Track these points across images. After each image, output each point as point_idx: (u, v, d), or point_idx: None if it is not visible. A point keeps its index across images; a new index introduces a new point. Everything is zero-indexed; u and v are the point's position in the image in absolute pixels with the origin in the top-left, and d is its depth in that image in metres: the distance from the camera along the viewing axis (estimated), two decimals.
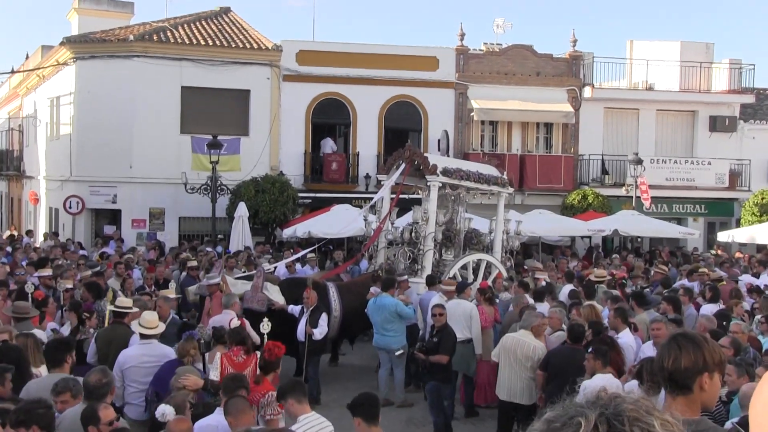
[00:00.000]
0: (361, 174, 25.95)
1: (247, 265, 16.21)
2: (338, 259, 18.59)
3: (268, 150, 25.27)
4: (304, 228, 20.68)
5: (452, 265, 14.36)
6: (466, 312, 11.40)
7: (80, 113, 24.44)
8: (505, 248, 16.14)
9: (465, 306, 11.53)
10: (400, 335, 11.73)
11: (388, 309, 11.62)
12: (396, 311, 11.62)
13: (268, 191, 22.74)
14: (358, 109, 26.09)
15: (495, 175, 15.88)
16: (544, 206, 24.24)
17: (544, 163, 26.97)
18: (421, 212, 14.65)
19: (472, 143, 27.12)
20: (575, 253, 23.13)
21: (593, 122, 27.68)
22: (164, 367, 7.53)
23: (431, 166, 14.47)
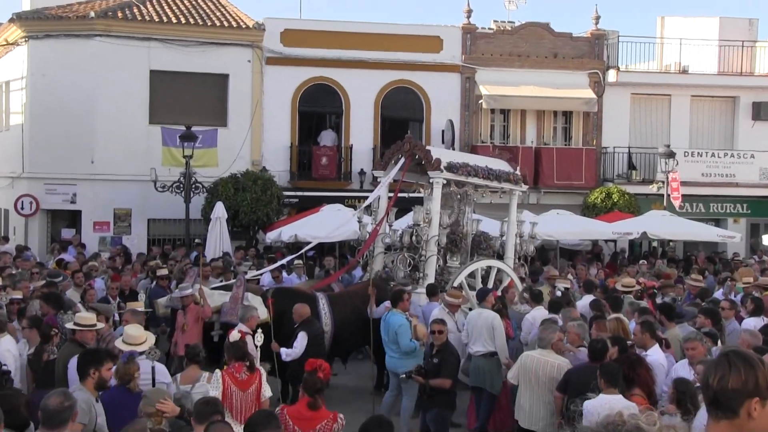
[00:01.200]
0: (354, 170, 26.01)
1: (224, 274, 16.25)
2: (329, 267, 18.65)
3: (249, 143, 25.34)
4: (290, 231, 20.73)
5: (458, 272, 14.41)
6: (488, 322, 11.52)
7: (33, 101, 24.48)
8: (519, 254, 16.20)
9: (487, 315, 11.64)
10: (410, 358, 11.47)
11: (392, 329, 11.60)
12: (395, 333, 11.50)
13: (249, 189, 22.81)
14: (352, 97, 26.16)
15: (507, 170, 15.94)
16: (563, 206, 24.34)
17: (562, 157, 27.06)
18: (422, 213, 14.72)
19: (480, 135, 27.19)
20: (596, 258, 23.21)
21: (618, 110, 27.80)
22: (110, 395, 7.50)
23: (434, 160, 14.52)
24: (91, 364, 7.24)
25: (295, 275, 17.88)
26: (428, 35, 26.60)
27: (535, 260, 20.70)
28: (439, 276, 14.79)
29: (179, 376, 8.66)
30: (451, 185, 15.20)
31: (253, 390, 8.18)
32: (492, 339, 11.49)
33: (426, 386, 10.13)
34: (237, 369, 8.22)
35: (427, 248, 14.45)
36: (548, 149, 27.16)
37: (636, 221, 22.97)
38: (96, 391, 7.21)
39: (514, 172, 16.08)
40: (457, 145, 26.23)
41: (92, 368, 7.19)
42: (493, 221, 18.30)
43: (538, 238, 18.69)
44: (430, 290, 13.23)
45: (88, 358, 7.39)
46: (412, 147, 15.19)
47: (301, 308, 11.69)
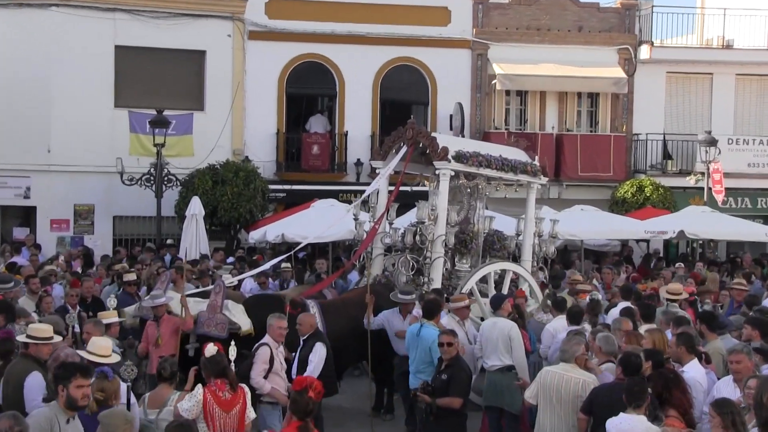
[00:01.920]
0: (350, 160, 26.01)
1: (200, 278, 16.23)
2: (321, 271, 18.65)
3: (230, 129, 25.34)
4: (276, 230, 20.73)
5: (468, 277, 14.40)
6: (504, 332, 11.52)
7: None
8: (537, 256, 16.20)
9: (503, 325, 11.64)
10: None
11: (426, 344, 11.47)
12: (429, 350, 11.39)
13: (229, 183, 22.82)
14: (347, 77, 26.16)
15: (524, 160, 15.93)
16: (588, 201, 24.34)
17: (587, 146, 27.05)
18: (427, 209, 14.70)
19: (494, 120, 27.18)
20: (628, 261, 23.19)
21: (652, 91, 27.80)
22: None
23: (441, 149, 14.51)
24: (58, 380, 7.20)
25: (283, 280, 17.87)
26: (434, 6, 26.60)
27: (556, 263, 20.69)
28: (447, 281, 14.78)
29: (147, 397, 8.59)
30: (460, 177, 15.19)
31: (237, 412, 8.18)
32: (509, 351, 11.48)
33: (432, 406, 10.10)
34: (219, 387, 8.20)
35: (432, 249, 14.43)
36: (571, 136, 27.15)
37: (672, 218, 22.96)
38: (70, 411, 7.17)
39: (532, 163, 16.06)
40: (467, 131, 26.22)
41: (59, 384, 7.17)
42: (508, 219, 18.25)
43: (560, 237, 18.62)
44: None
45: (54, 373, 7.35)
46: (415, 134, 15.17)
47: (309, 318, 11.66)
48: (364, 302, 13.34)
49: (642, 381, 8.02)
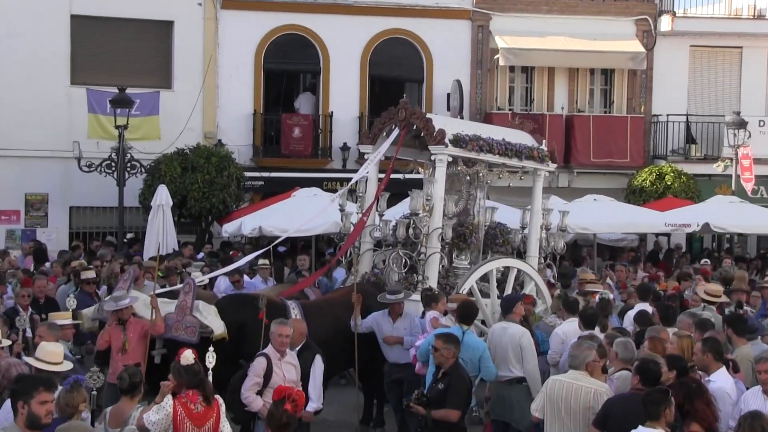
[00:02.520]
0: (335, 144, 26.01)
1: (166, 277, 16.20)
2: (303, 268, 18.63)
3: (201, 110, 25.30)
4: (253, 222, 20.71)
5: (468, 275, 14.40)
6: (515, 340, 11.52)
7: None
8: (545, 251, 16.21)
9: (514, 331, 11.63)
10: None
11: (473, 353, 11.37)
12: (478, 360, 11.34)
13: (200, 169, 22.81)
14: (332, 50, 26.13)
15: (530, 145, 15.92)
16: (602, 190, 24.35)
17: (601, 128, 27.08)
18: (422, 199, 14.66)
19: (496, 99, 27.18)
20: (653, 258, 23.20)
21: (674, 68, 27.85)
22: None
23: (437, 132, 14.48)
24: (17, 396, 7.00)
25: (260, 278, 17.85)
26: None
27: (566, 259, 20.71)
28: (444, 279, 14.75)
29: (108, 412, 8.51)
30: (459, 164, 15.15)
31: (210, 427, 8.15)
32: (519, 362, 11.49)
33: (427, 419, 10.09)
34: (191, 398, 8.17)
35: (427, 244, 14.40)
36: (583, 118, 27.18)
37: (695, 209, 23.01)
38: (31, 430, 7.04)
39: (539, 147, 16.05)
40: (467, 112, 26.22)
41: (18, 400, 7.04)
42: (513, 210, 18.24)
43: (570, 231, 18.62)
44: (426, 297, 13.18)
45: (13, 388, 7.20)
46: (408, 115, 15.12)
47: (300, 325, 11.59)
48: (351, 303, 13.33)
49: (663, 391, 8.01)
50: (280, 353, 10.63)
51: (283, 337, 10.62)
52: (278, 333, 10.62)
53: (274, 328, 10.70)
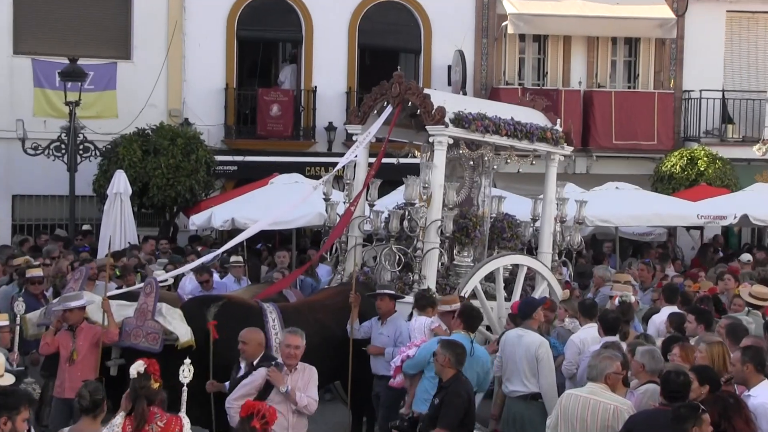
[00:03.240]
0: (319, 124, 26.01)
1: (123, 276, 16.16)
2: (282, 266, 18.61)
3: (165, 84, 25.28)
4: (224, 213, 20.67)
5: (470, 273, 14.43)
6: (531, 350, 11.55)
7: None
8: (559, 247, 16.23)
9: (530, 341, 11.63)
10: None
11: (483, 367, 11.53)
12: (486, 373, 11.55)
13: (164, 152, 22.80)
14: (316, 16, 26.12)
15: (542, 125, 15.92)
16: (625, 177, 24.38)
17: (624, 106, 27.11)
18: (418, 187, 14.67)
19: (504, 73, 27.18)
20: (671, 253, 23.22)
21: (708, 36, 27.90)
22: None
23: (436, 110, 14.47)
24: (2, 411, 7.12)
25: (232, 278, 17.83)
26: None
27: (583, 256, 20.72)
28: (443, 279, 14.79)
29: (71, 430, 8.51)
30: (461, 147, 15.16)
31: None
32: (535, 375, 11.50)
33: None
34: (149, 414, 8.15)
35: (425, 239, 14.41)
36: (604, 94, 27.22)
37: (732, 199, 23.05)
38: None
39: (553, 128, 16.05)
40: (470, 87, 26.21)
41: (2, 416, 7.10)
42: (522, 199, 18.24)
43: (588, 224, 18.63)
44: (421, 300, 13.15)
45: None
46: (403, 91, 15.11)
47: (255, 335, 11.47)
48: (337, 306, 13.41)
49: (693, 407, 8.00)
50: (288, 367, 10.57)
51: (292, 349, 10.56)
52: (286, 344, 10.63)
53: (283, 338, 10.74)
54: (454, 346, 10.57)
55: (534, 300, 13.00)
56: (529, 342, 11.64)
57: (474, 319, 12.02)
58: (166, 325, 12.06)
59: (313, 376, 10.77)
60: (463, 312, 12.08)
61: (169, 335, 11.99)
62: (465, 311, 12.10)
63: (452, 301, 12.75)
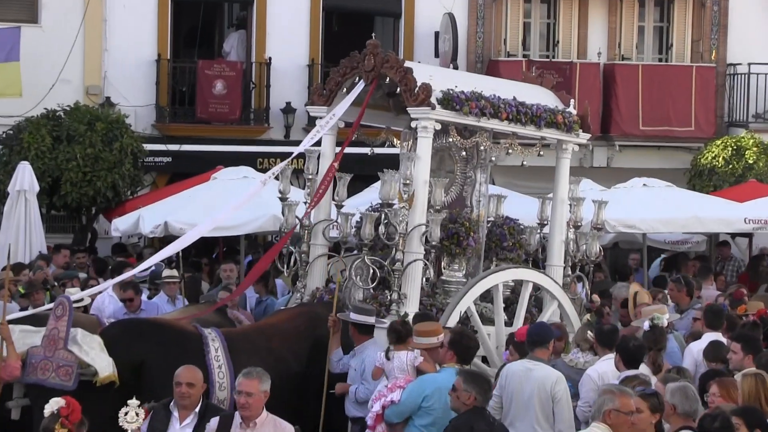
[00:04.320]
0: (274, 105, 26.06)
1: (29, 294, 16.10)
2: (229, 281, 18.56)
3: (81, 54, 25.24)
4: (155, 216, 20.63)
5: (463, 292, 14.43)
6: (545, 387, 11.55)
7: None
8: (573, 258, 16.25)
9: (543, 376, 11.63)
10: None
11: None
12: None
13: (80, 140, 22.78)
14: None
15: (552, 106, 15.97)
16: (655, 171, 24.48)
17: (655, 83, 27.19)
18: (397, 184, 14.69)
19: (505, 41, 27.23)
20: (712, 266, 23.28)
21: None
22: None
23: (420, 87, 14.49)
24: None
25: (165, 297, 17.80)
26: None
27: (603, 269, 20.75)
28: (428, 298, 14.80)
29: None
30: (451, 134, 15.17)
31: None
32: (549, 418, 11.51)
33: None
34: None
35: (406, 248, 14.43)
36: (629, 68, 27.35)
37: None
38: None
39: (566, 110, 16.09)
40: (462, 60, 26.25)
41: None
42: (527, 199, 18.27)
43: (609, 229, 18.64)
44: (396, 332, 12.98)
45: None
46: (379, 63, 15.13)
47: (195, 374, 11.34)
48: (296, 332, 13.46)
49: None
50: (245, 421, 10.38)
51: (243, 396, 10.24)
52: (239, 389, 10.39)
53: (236, 382, 10.61)
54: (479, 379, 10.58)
55: (547, 327, 12.89)
56: (542, 377, 11.58)
57: (469, 349, 12.04)
58: (82, 355, 12.01)
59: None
60: (456, 340, 12.07)
61: (86, 368, 11.95)
62: (457, 339, 12.08)
63: (433, 332, 12.52)
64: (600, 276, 20.14)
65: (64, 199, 22.76)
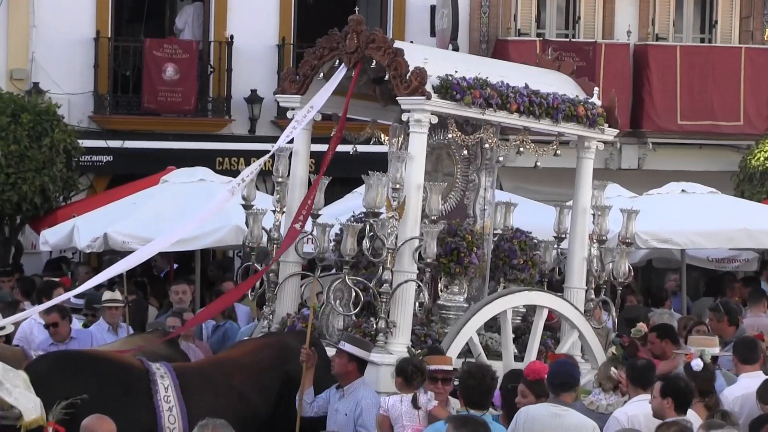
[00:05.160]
0: (237, 93, 26.08)
1: None
2: (181, 306, 18.58)
3: (4, 31, 25.29)
4: (93, 227, 20.66)
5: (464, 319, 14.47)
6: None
7: None
8: (597, 277, 16.28)
9: (575, 422, 11.59)
10: None
11: None
12: None
13: (3, 134, 22.87)
14: None
15: (571, 96, 16.01)
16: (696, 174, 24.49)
17: (696, 69, 27.28)
18: (385, 189, 14.73)
19: (515, 17, 27.30)
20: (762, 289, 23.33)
21: None
22: None
23: (413, 73, 14.54)
24: None
25: (105, 325, 17.82)
26: None
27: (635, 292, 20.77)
28: (422, 327, 14.82)
29: None
30: (450, 129, 15.22)
31: None
32: None
33: None
34: None
35: (395, 266, 14.47)
36: (665, 50, 27.45)
37: None
38: None
39: (589, 101, 16.15)
40: (464, 39, 26.33)
41: None
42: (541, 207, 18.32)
43: (641, 244, 18.68)
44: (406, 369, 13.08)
45: None
46: (363, 44, 15.18)
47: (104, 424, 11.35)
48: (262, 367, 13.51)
49: None
50: None
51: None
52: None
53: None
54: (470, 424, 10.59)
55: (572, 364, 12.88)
56: (575, 426, 11.55)
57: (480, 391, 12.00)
58: (4, 395, 12.06)
59: None
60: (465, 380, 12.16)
61: (9, 410, 11.99)
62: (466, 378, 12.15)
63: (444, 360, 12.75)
64: (631, 300, 20.13)
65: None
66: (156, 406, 12.72)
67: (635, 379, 12.95)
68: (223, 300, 16.77)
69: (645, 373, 13.00)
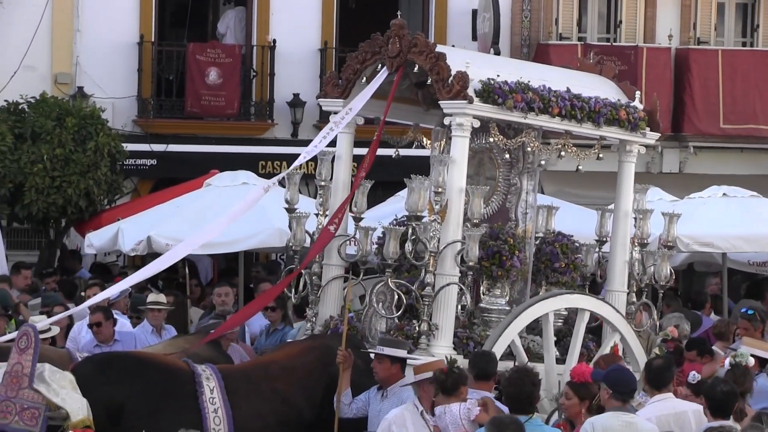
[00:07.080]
0: (280, 97, 26.10)
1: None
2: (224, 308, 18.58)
3: (48, 35, 25.37)
4: (137, 231, 20.71)
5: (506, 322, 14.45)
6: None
7: None
8: (638, 281, 16.26)
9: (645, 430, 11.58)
10: None
11: None
12: None
13: (47, 138, 22.89)
14: None
15: (613, 100, 16.00)
16: (738, 179, 24.43)
17: (738, 72, 27.15)
18: (427, 193, 14.75)
19: (556, 21, 27.26)
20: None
21: None
22: None
23: (455, 77, 14.56)
24: None
25: (149, 327, 17.88)
26: None
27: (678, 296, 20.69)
28: (464, 330, 14.82)
29: None
30: (492, 132, 15.23)
31: None
32: None
33: None
34: None
35: (438, 269, 14.48)
36: (706, 54, 27.34)
37: None
38: None
39: (630, 105, 16.13)
40: (505, 44, 26.29)
41: None
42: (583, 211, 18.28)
43: (683, 247, 18.62)
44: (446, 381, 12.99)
45: None
46: (406, 48, 15.19)
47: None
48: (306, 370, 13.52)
49: None
50: None
51: None
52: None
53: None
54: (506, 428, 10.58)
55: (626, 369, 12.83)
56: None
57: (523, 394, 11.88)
58: (51, 396, 12.09)
59: None
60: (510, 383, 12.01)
61: (56, 411, 12.03)
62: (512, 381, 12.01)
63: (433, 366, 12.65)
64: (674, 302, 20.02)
65: (27, 208, 22.85)
66: (201, 407, 12.75)
67: (651, 379, 12.92)
68: (258, 301, 16.77)
69: (660, 372, 12.97)
